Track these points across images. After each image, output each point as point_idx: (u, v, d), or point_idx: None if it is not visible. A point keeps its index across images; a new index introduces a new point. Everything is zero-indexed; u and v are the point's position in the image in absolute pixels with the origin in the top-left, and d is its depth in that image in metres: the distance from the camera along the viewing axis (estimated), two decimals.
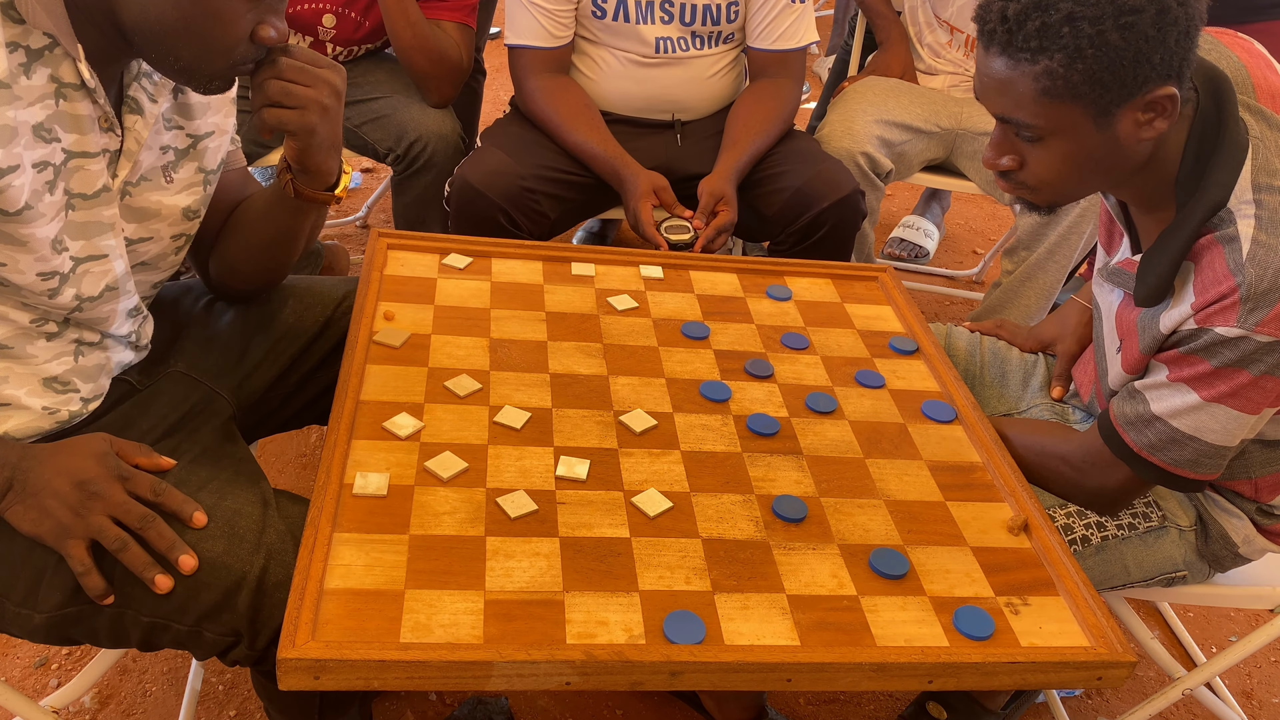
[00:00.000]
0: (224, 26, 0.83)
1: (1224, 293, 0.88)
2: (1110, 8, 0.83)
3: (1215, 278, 0.89)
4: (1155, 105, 0.88)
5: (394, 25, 1.68)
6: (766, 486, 0.97)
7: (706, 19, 1.66)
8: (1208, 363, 0.91)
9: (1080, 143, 0.90)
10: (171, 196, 0.97)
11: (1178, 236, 0.93)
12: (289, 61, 0.90)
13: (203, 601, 0.85)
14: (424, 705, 1.33)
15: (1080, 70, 0.85)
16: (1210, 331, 0.89)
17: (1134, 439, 0.98)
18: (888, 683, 0.80)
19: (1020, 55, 0.87)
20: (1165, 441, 0.96)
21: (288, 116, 0.92)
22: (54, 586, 0.85)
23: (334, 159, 0.99)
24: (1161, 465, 0.97)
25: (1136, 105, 0.87)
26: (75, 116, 0.85)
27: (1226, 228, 0.90)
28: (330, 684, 0.73)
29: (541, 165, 1.61)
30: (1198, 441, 0.95)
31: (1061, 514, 1.09)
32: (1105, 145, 0.90)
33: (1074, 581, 0.89)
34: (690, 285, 1.32)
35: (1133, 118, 0.88)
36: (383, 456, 0.93)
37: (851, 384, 1.15)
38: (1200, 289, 0.90)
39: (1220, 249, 0.90)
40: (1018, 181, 0.96)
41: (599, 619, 0.80)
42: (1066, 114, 0.88)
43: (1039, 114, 0.89)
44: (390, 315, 1.14)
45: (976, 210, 2.91)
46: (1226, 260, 0.89)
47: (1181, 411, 0.94)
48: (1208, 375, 0.92)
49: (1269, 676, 1.56)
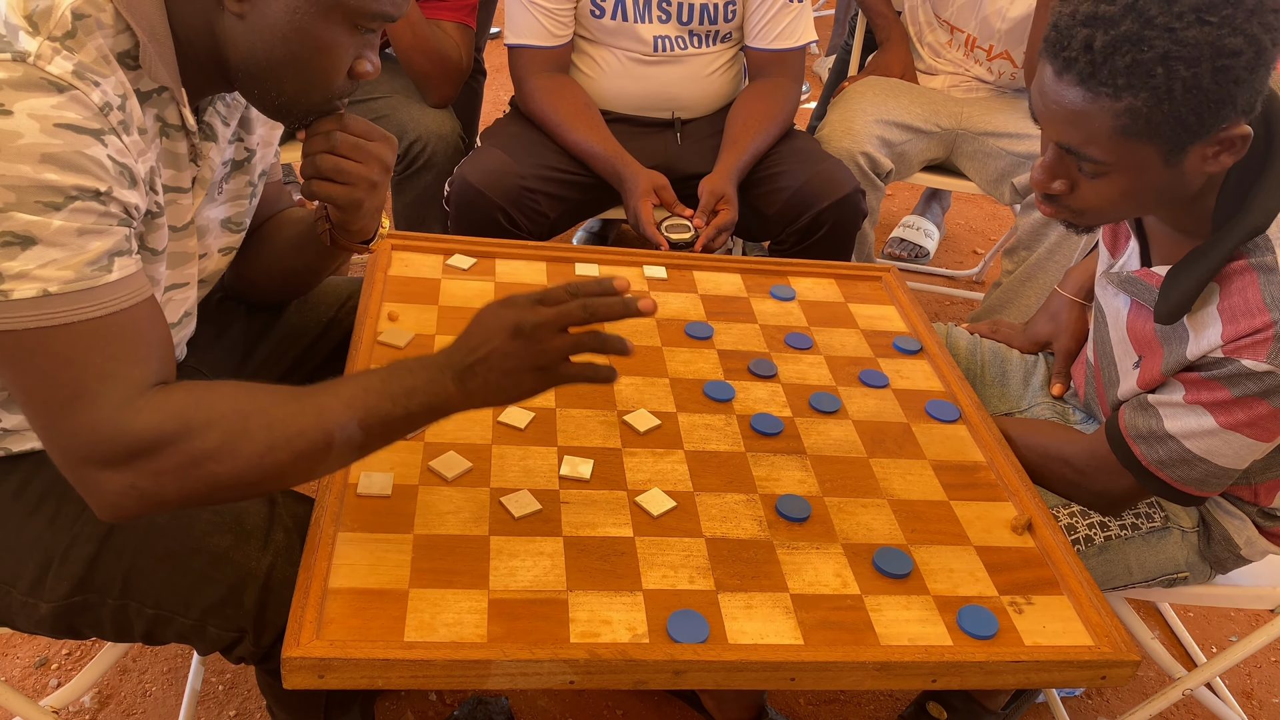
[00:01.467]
0: (329, 60, 0.83)
1: (1257, 327, 0.86)
2: (1209, 50, 0.78)
3: (1248, 308, 0.87)
4: (1226, 141, 0.84)
5: (394, 26, 1.68)
6: (770, 486, 0.97)
7: (704, 18, 1.66)
8: (1229, 391, 0.89)
9: (1144, 179, 0.86)
10: (216, 209, 0.96)
11: (1210, 257, 0.89)
12: (344, 137, 0.90)
13: (208, 596, 0.85)
14: (424, 705, 1.32)
15: (1165, 111, 0.80)
16: (1237, 363, 0.87)
17: (1144, 453, 0.97)
18: (891, 682, 0.80)
19: (1101, 90, 0.81)
20: (1176, 460, 0.95)
21: (337, 192, 0.92)
22: (61, 576, 0.85)
23: (375, 222, 1.00)
24: (1168, 481, 0.97)
25: (1209, 142, 0.83)
26: (174, 154, 0.85)
27: (1264, 255, 0.87)
28: (335, 683, 0.73)
29: (541, 165, 1.61)
30: (1208, 463, 0.94)
31: (1065, 514, 1.09)
32: (1167, 180, 0.86)
33: (1077, 581, 0.89)
34: (694, 285, 1.32)
35: (1201, 153, 0.84)
36: (387, 456, 0.93)
37: (855, 384, 1.15)
38: (1230, 317, 0.88)
39: (1254, 276, 0.87)
40: (1063, 205, 0.92)
41: (603, 618, 0.80)
42: (1139, 152, 0.83)
43: (1110, 151, 0.84)
44: (395, 316, 1.14)
45: (976, 210, 2.91)
46: (1262, 292, 0.86)
47: (1196, 434, 0.93)
48: (1227, 403, 0.90)
49: (1269, 676, 1.57)
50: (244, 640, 0.87)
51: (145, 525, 0.86)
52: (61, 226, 0.69)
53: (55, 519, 0.87)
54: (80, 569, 0.85)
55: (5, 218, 0.68)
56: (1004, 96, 1.95)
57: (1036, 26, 1.73)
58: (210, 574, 0.85)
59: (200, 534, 0.86)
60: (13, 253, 0.68)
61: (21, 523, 0.86)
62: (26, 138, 0.68)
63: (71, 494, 0.87)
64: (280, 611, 0.83)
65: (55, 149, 0.69)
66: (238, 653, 0.89)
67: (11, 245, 0.68)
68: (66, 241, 0.70)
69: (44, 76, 0.69)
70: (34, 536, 0.86)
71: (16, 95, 0.68)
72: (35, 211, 0.68)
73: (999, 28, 1.86)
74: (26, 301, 0.69)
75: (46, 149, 0.68)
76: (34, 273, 0.69)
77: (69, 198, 0.69)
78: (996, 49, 1.90)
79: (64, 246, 0.69)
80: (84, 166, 0.70)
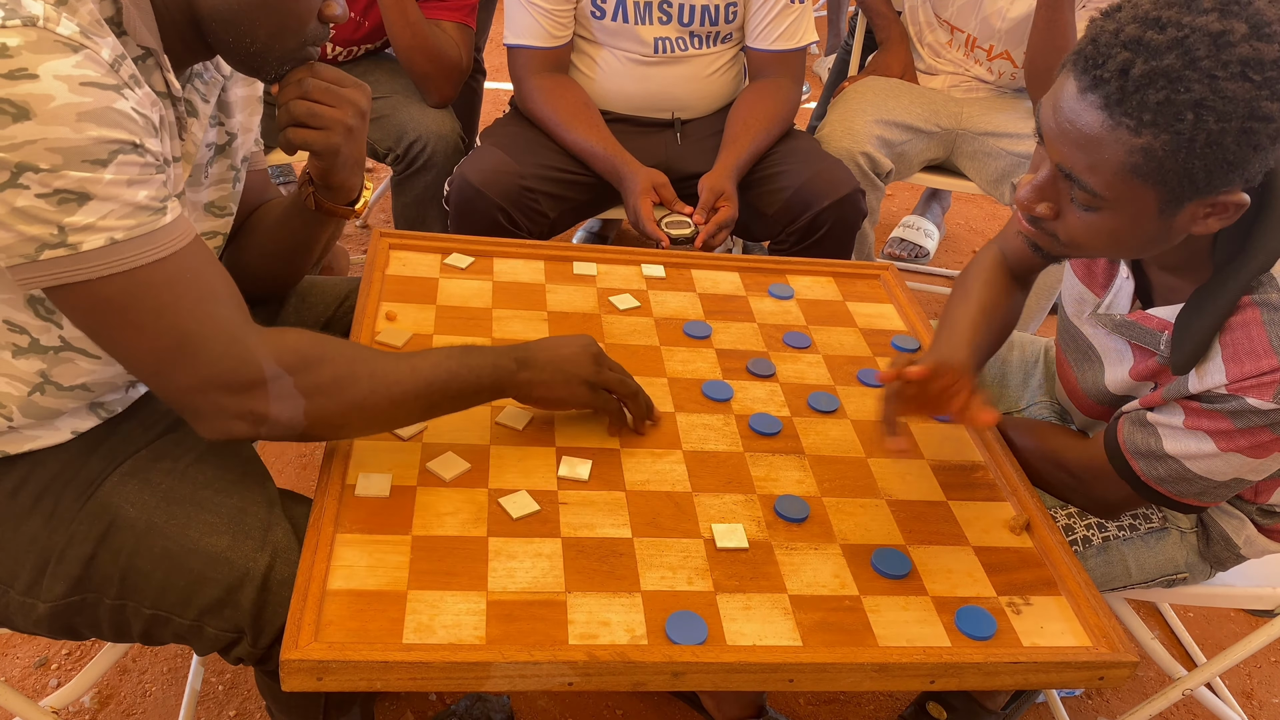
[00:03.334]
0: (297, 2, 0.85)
1: (1264, 369, 0.84)
2: (1243, 108, 0.74)
3: (1253, 349, 0.85)
4: (1220, 206, 0.81)
5: (393, 25, 1.68)
6: (768, 486, 0.97)
7: (705, 19, 1.66)
8: (1231, 423, 0.89)
9: (1135, 223, 0.82)
10: (199, 193, 0.98)
11: (1218, 300, 0.86)
12: (315, 82, 0.92)
13: (206, 595, 0.85)
14: (424, 705, 1.32)
15: (1180, 160, 0.76)
16: (1242, 400, 0.86)
17: (1143, 469, 0.96)
18: (890, 683, 0.80)
19: (1124, 120, 0.76)
20: (1175, 478, 0.95)
21: (313, 137, 0.93)
22: (58, 576, 0.86)
23: (357, 176, 1.01)
24: (1167, 494, 0.96)
25: (1205, 202, 0.80)
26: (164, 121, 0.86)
27: (1268, 293, 0.84)
28: (333, 685, 0.73)
29: (541, 164, 1.61)
30: (1207, 480, 0.94)
31: (1063, 514, 1.09)
32: (1156, 229, 0.83)
33: (1076, 581, 0.89)
34: (692, 284, 1.32)
35: (1193, 212, 0.81)
36: (385, 457, 0.93)
37: (854, 383, 1.15)
38: (1233, 356, 0.86)
39: (1258, 314, 0.84)
40: (1044, 229, 0.88)
41: (601, 619, 0.80)
42: (1139, 195, 0.79)
43: (1112, 186, 0.79)
44: (392, 316, 1.14)
45: (976, 210, 2.91)
46: (1268, 333, 0.84)
47: (1196, 456, 0.92)
48: (1229, 432, 0.89)
49: (1269, 676, 1.57)
50: (242, 641, 0.87)
51: (143, 525, 0.86)
52: (113, 179, 0.73)
53: (52, 518, 0.87)
54: (77, 569, 0.85)
55: (58, 176, 0.70)
56: (1004, 96, 1.95)
57: (1036, 27, 1.73)
58: (207, 574, 0.85)
59: (197, 534, 0.86)
60: (71, 209, 0.71)
61: (18, 523, 0.86)
62: (58, 99, 0.70)
63: (67, 493, 0.87)
64: (278, 612, 0.84)
65: (88, 107, 0.71)
66: (236, 653, 0.88)
67: (69, 201, 0.71)
68: (119, 193, 0.73)
69: (56, 39, 0.71)
70: (30, 536, 0.86)
71: (38, 58, 0.70)
72: (85, 169, 0.71)
73: (999, 28, 1.86)
74: (96, 251, 0.73)
75: (80, 108, 0.71)
76: (98, 224, 0.73)
77: (112, 152, 0.72)
78: (996, 49, 1.90)
79: (117, 198, 0.73)
80: (117, 121, 0.73)
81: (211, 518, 0.87)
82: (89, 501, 0.88)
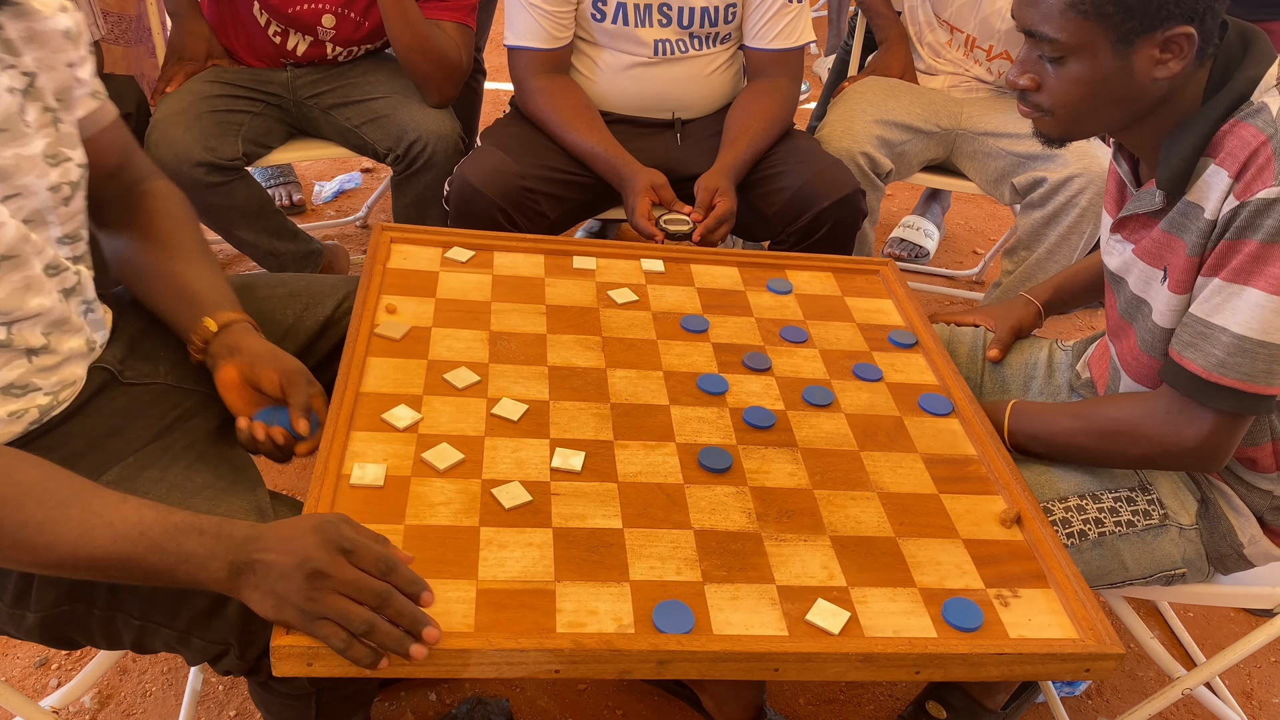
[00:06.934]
0: None
1: (1255, 149, 0.90)
2: None
3: (1243, 143, 0.91)
4: (1172, 44, 0.91)
5: (392, 26, 1.69)
6: (760, 479, 0.97)
7: (704, 21, 1.66)
8: (1254, 240, 0.89)
9: (1097, 68, 0.93)
10: (29, 145, 0.89)
11: (1200, 122, 0.95)
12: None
13: (193, 607, 0.84)
14: (424, 705, 1.33)
15: None
16: (1252, 201, 0.89)
17: (1200, 363, 0.93)
18: (875, 673, 0.81)
19: None
20: (1233, 353, 0.91)
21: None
22: (47, 585, 0.85)
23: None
24: (1235, 385, 0.92)
25: (1155, 41, 0.91)
26: None
27: (1253, 111, 0.92)
28: (323, 670, 0.74)
29: (541, 165, 1.61)
30: (1268, 346, 0.90)
31: (1059, 508, 1.08)
32: (1120, 75, 0.93)
33: (1065, 574, 0.89)
34: (691, 279, 1.32)
35: (1149, 54, 0.92)
36: (380, 448, 0.94)
37: (849, 377, 1.16)
38: (1230, 161, 0.92)
39: (1245, 123, 0.92)
40: (1034, 104, 1.00)
41: (589, 608, 0.80)
42: (1089, 33, 0.92)
43: (1063, 28, 0.92)
44: (392, 309, 1.15)
45: (976, 210, 2.91)
46: (1253, 124, 0.91)
47: (1242, 312, 0.90)
48: (1258, 258, 0.89)
49: (1269, 676, 1.56)
50: (229, 653, 0.86)
51: None
52: None
53: None
54: (66, 579, 0.84)
55: None
56: (1004, 96, 1.95)
57: None
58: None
59: None
60: None
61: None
62: None
63: None
64: (266, 626, 0.78)
65: None
66: (224, 665, 0.88)
67: None
68: None
69: None
70: None
71: None
72: None
73: (999, 28, 1.86)
74: None
75: None
76: None
77: None
78: (996, 49, 1.90)
79: None
80: None
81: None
82: None
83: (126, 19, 1.99)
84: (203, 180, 1.65)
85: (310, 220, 2.46)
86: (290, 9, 1.75)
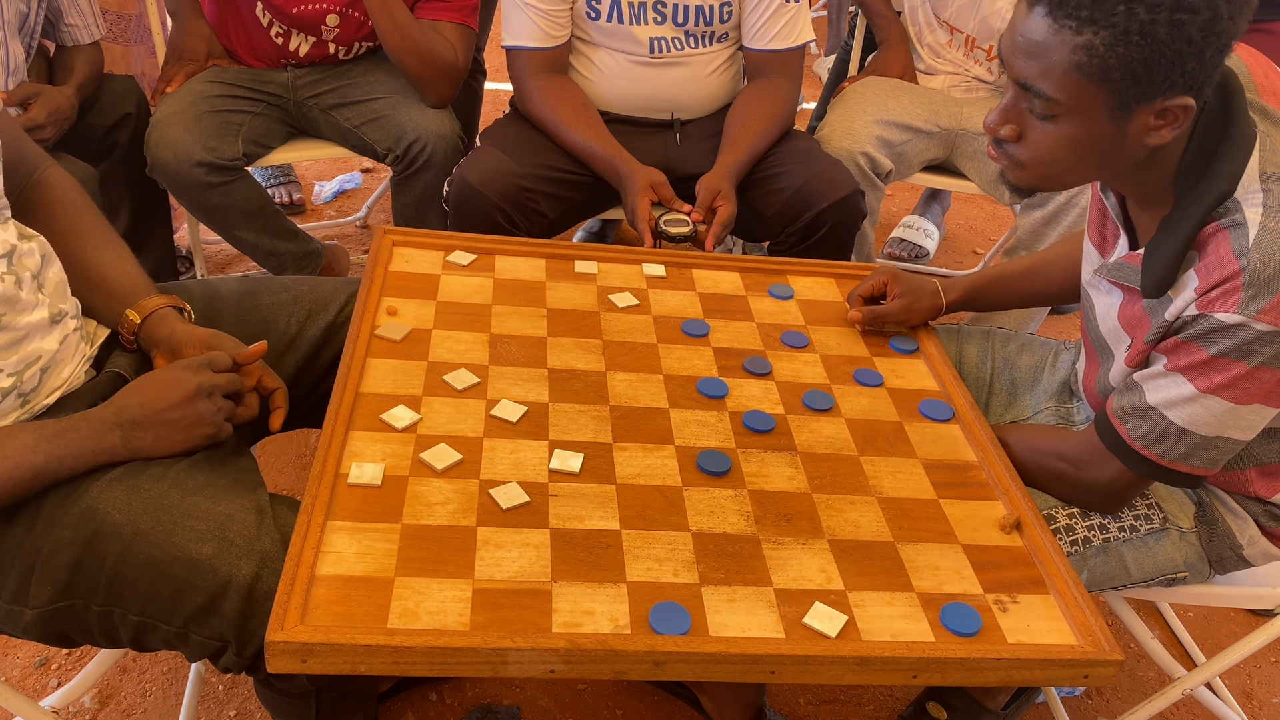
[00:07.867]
0: None
1: (1227, 275, 0.88)
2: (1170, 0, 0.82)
3: (1219, 262, 0.89)
4: (1169, 113, 0.87)
5: (381, 29, 1.69)
6: (759, 482, 0.97)
7: (699, 19, 1.66)
8: (1205, 351, 0.90)
9: (1090, 131, 0.89)
10: None
11: (1182, 224, 0.92)
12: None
13: (190, 603, 0.84)
14: (425, 706, 1.33)
15: (1120, 54, 0.83)
16: (1210, 318, 0.89)
17: (1129, 430, 0.98)
18: (871, 677, 0.81)
19: (1065, 22, 0.84)
20: (1159, 434, 0.96)
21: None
22: (44, 582, 0.85)
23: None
24: (1154, 459, 0.97)
25: (1153, 109, 0.86)
26: None
27: (1233, 215, 0.89)
28: (317, 667, 0.74)
29: (540, 165, 1.62)
30: (1191, 435, 0.94)
31: (1063, 514, 1.08)
32: (1111, 139, 0.89)
33: (1064, 580, 0.89)
34: (692, 283, 1.32)
35: (1144, 121, 0.87)
36: (379, 448, 0.94)
37: (850, 382, 1.16)
38: (1204, 274, 0.90)
39: (1226, 235, 0.89)
40: (1009, 153, 0.95)
41: (585, 609, 0.80)
42: (1088, 97, 0.87)
43: (1063, 88, 0.87)
44: (394, 310, 1.15)
45: (976, 210, 2.91)
46: (1232, 245, 0.88)
47: (1176, 403, 0.94)
48: (1203, 364, 0.91)
49: (1269, 676, 1.56)
50: (227, 650, 0.86)
51: (128, 531, 0.85)
52: None
53: (33, 525, 0.86)
54: (64, 574, 0.85)
55: None
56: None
57: None
58: (191, 581, 0.84)
59: (182, 542, 0.85)
60: None
61: (1, 532, 0.86)
62: None
63: (47, 499, 0.87)
64: (264, 622, 0.79)
65: None
66: (223, 662, 0.88)
67: None
68: None
69: None
70: (15, 544, 0.86)
71: None
72: None
73: (999, 28, 1.86)
74: None
75: None
76: None
77: None
78: (996, 49, 1.90)
79: None
80: None
81: (198, 525, 0.86)
82: (74, 506, 0.87)
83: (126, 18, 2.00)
84: (203, 180, 1.65)
85: (310, 220, 2.47)
86: (294, 9, 1.75)
